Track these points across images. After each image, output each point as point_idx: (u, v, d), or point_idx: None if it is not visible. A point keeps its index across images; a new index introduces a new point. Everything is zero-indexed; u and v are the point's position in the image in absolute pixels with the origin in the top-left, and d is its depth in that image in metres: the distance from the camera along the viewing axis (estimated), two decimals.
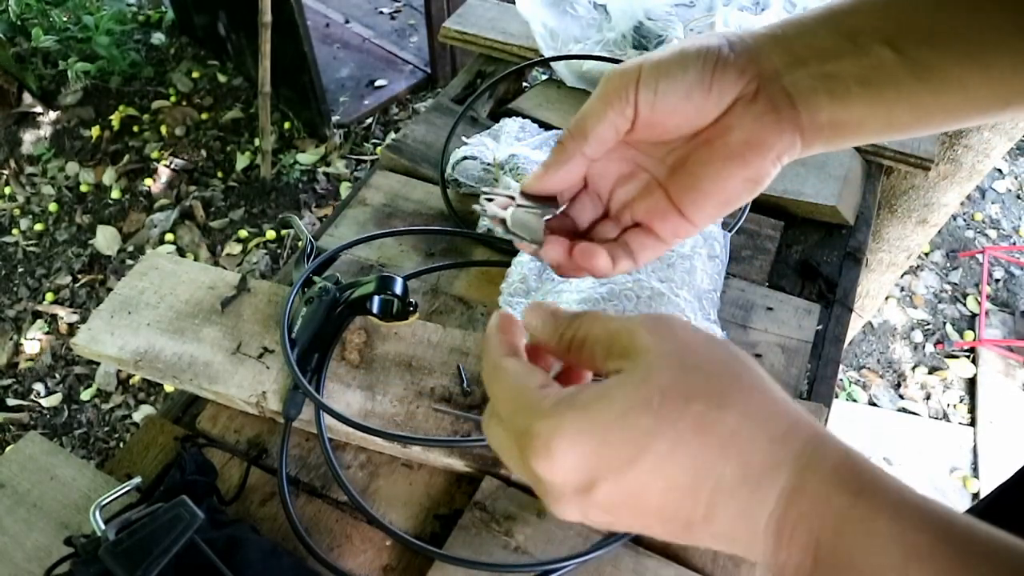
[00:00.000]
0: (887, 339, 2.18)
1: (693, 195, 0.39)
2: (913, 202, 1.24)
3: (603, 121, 0.37)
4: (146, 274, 0.72)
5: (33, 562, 0.56)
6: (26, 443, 0.62)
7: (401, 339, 0.67)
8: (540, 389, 0.31)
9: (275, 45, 2.27)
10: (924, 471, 1.86)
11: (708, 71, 0.36)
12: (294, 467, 0.63)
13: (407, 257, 0.79)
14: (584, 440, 0.28)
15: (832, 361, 0.72)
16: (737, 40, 0.36)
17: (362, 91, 2.82)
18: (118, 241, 2.43)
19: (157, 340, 0.66)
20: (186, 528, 0.50)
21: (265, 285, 0.71)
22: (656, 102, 0.36)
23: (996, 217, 2.53)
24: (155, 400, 2.04)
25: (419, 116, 0.98)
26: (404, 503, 0.61)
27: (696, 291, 0.69)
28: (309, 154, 2.63)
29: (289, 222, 0.74)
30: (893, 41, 0.33)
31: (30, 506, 0.59)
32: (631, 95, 0.36)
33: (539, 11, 0.96)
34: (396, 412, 0.62)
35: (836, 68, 0.34)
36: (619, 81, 0.36)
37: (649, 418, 0.28)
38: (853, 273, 0.81)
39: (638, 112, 0.37)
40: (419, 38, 3.04)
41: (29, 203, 2.56)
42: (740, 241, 0.80)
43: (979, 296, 2.26)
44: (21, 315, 2.26)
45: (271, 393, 0.63)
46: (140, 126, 2.77)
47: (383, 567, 0.58)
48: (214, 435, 0.66)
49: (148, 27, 3.17)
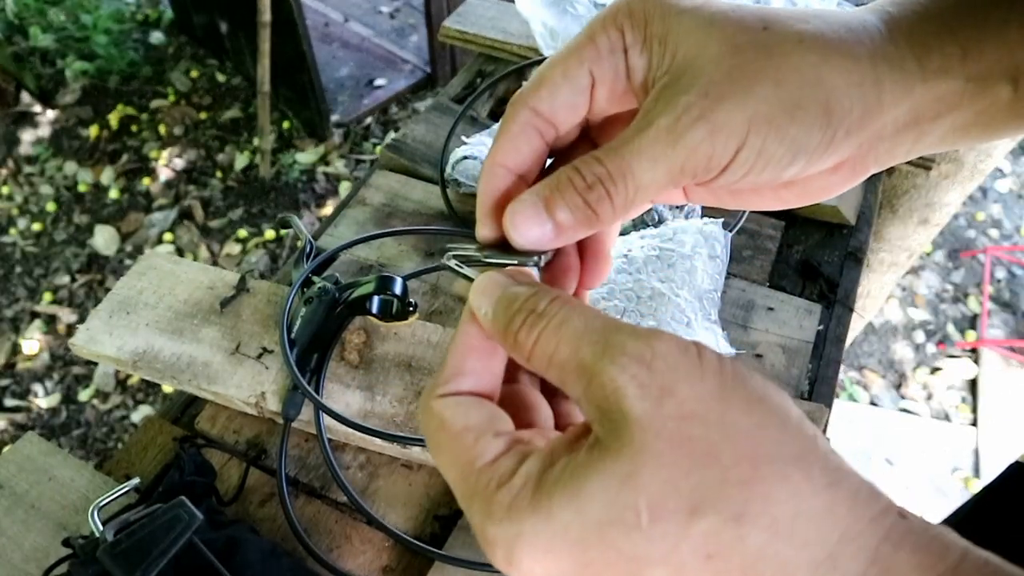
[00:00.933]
0: (888, 339, 2.18)
1: (707, 197, 0.32)
2: (915, 202, 1.24)
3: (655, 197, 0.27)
4: (144, 274, 0.71)
5: (31, 563, 0.55)
6: (24, 443, 0.62)
7: (401, 339, 0.67)
8: (490, 464, 0.23)
9: (274, 44, 2.27)
10: (925, 471, 1.86)
11: (814, 161, 0.27)
12: (293, 468, 0.63)
13: (407, 257, 0.79)
14: (552, 560, 0.21)
15: (833, 361, 0.72)
16: (873, 87, 0.26)
17: (361, 90, 2.82)
18: (116, 241, 2.43)
19: (156, 340, 0.66)
20: (185, 529, 0.49)
21: (264, 285, 0.71)
22: (735, 183, 0.27)
23: (998, 217, 2.53)
24: (154, 400, 2.04)
25: (419, 116, 0.97)
26: (404, 504, 0.61)
27: (696, 291, 0.68)
28: (308, 154, 2.63)
29: (288, 222, 0.74)
30: (1018, 75, 0.26)
31: (28, 507, 0.58)
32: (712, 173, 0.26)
33: (539, 10, 0.96)
34: (396, 412, 0.62)
35: (943, 124, 0.28)
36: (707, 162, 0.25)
37: (636, 539, 0.20)
38: (854, 273, 0.80)
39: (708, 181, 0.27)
40: (419, 37, 3.03)
41: (27, 203, 2.56)
42: (741, 241, 0.80)
43: (981, 296, 2.26)
44: (19, 315, 2.25)
45: (270, 393, 0.63)
46: (139, 125, 2.77)
47: (383, 568, 0.57)
48: (213, 436, 0.66)
49: (147, 26, 3.17)
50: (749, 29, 0.26)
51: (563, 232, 0.26)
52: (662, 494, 0.20)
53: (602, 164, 0.26)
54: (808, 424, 0.21)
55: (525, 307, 0.25)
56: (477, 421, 0.24)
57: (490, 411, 0.25)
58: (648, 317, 0.65)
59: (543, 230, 0.26)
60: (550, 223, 0.26)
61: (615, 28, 0.27)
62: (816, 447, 0.21)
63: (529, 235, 0.26)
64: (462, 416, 0.24)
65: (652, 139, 0.25)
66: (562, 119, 0.28)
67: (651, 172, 0.25)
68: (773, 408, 0.21)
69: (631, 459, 0.20)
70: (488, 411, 0.25)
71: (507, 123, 0.27)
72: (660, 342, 0.22)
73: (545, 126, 0.28)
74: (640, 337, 0.22)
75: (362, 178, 0.90)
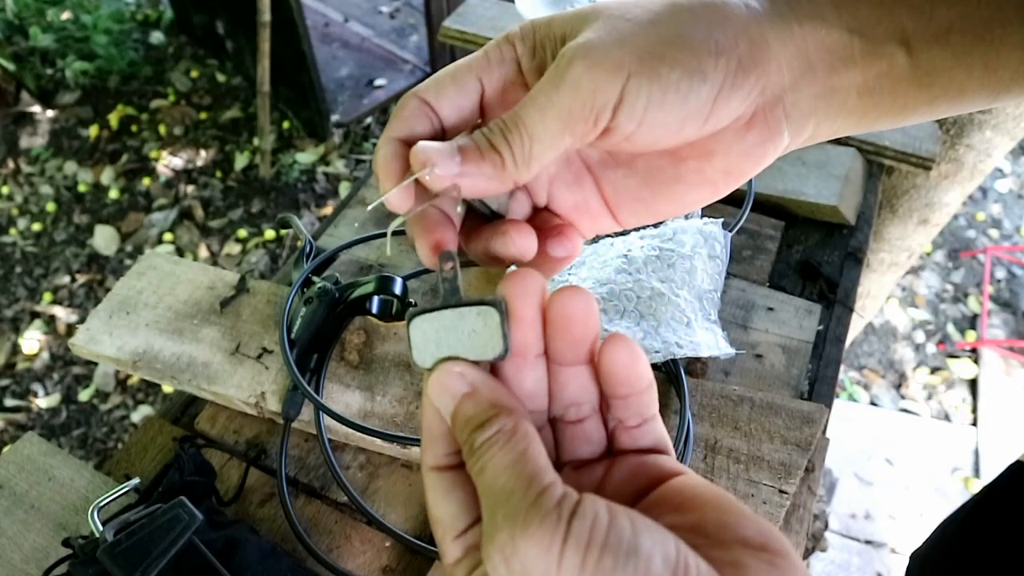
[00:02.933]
0: (888, 339, 2.18)
1: (638, 207, 0.32)
2: (914, 202, 1.24)
3: (556, 150, 0.27)
4: (144, 274, 0.71)
5: (31, 563, 0.55)
6: (24, 443, 0.62)
7: (401, 339, 0.67)
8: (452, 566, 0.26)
9: (274, 44, 2.27)
10: (925, 471, 1.86)
11: (714, 93, 0.27)
12: (293, 468, 0.63)
13: (407, 257, 0.79)
14: None
15: (833, 361, 0.72)
16: (755, 27, 0.28)
17: (361, 90, 2.82)
18: (116, 241, 2.43)
19: (156, 340, 0.66)
20: (185, 529, 0.49)
21: (264, 285, 0.71)
22: (634, 134, 0.27)
23: (998, 217, 2.53)
24: (153, 400, 2.04)
25: None
26: (404, 504, 0.61)
27: (696, 291, 0.68)
28: (308, 154, 2.63)
29: (288, 222, 0.74)
30: (910, 40, 0.28)
31: (28, 507, 0.58)
32: (604, 120, 0.27)
33: (539, 10, 0.96)
34: (396, 412, 0.62)
35: (843, 81, 0.29)
36: (591, 98, 0.26)
37: None
38: (854, 273, 0.80)
39: (605, 136, 0.28)
40: (419, 37, 3.03)
41: (27, 203, 2.56)
42: (741, 241, 0.80)
43: (981, 296, 2.26)
44: (19, 315, 2.25)
45: (270, 394, 0.63)
46: (138, 125, 2.77)
47: (383, 568, 0.57)
48: (213, 436, 0.66)
49: (146, 26, 3.17)
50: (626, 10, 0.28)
51: (468, 161, 0.27)
52: None
53: (501, 119, 0.28)
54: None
55: (467, 436, 0.26)
56: (444, 515, 0.27)
57: (459, 503, 0.27)
58: (648, 317, 0.65)
59: (452, 161, 0.27)
60: (457, 155, 0.27)
61: (507, 43, 0.30)
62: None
63: (439, 166, 0.27)
64: (434, 504, 0.27)
65: (538, 90, 0.27)
66: (446, 113, 0.30)
67: (541, 121, 0.27)
68: None
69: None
70: (457, 503, 0.27)
71: (400, 107, 0.30)
72: (524, 538, 0.22)
73: (432, 115, 0.30)
74: (515, 524, 0.22)
75: (362, 178, 0.90)
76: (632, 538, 0.21)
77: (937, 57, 0.28)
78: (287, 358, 0.62)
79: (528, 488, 0.23)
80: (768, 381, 0.68)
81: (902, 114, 0.31)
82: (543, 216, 0.33)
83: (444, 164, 0.27)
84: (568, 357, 0.28)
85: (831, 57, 0.29)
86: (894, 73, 0.29)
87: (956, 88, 0.29)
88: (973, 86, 0.29)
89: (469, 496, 0.26)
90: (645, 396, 0.28)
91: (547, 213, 0.33)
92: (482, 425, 0.25)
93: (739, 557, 0.23)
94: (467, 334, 0.27)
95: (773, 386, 0.68)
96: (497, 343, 0.27)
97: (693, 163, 0.31)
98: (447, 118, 0.30)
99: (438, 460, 0.27)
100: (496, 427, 0.25)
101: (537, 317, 0.28)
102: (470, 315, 0.27)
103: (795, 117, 0.30)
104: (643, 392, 0.28)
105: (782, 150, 0.31)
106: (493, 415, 0.25)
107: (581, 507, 0.22)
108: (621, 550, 0.21)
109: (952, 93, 0.30)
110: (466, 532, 0.26)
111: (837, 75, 0.29)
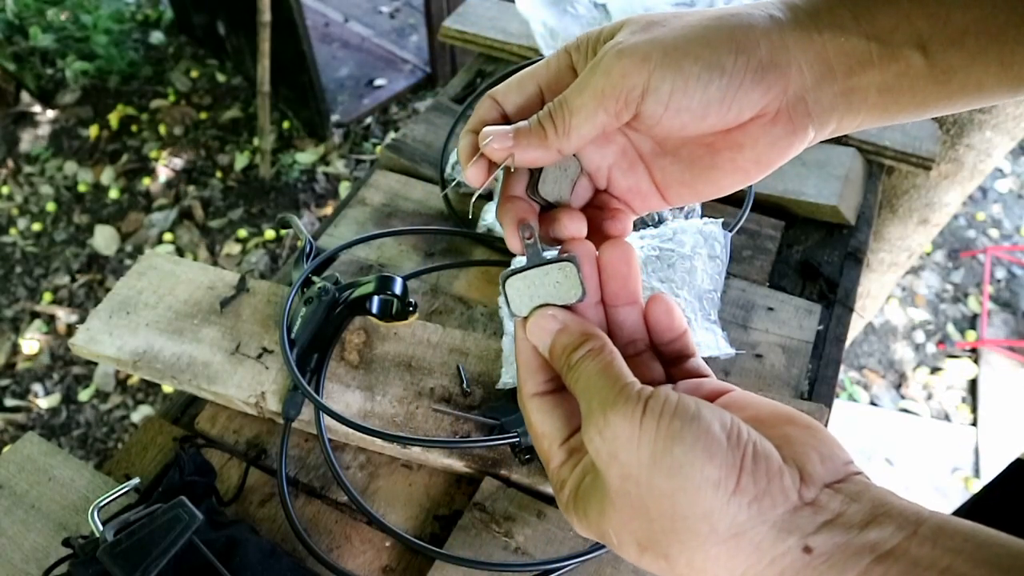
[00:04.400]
0: (888, 339, 2.18)
1: (683, 190, 0.37)
2: (914, 202, 1.24)
3: (592, 123, 0.33)
4: (144, 274, 0.71)
5: (31, 563, 0.55)
6: (24, 443, 0.62)
7: (401, 339, 0.67)
8: (556, 470, 0.33)
9: (274, 44, 2.27)
10: (925, 471, 1.86)
11: (735, 86, 0.31)
12: (293, 468, 0.63)
13: (407, 257, 0.79)
14: (595, 533, 0.32)
15: (833, 361, 0.72)
16: (776, 34, 0.32)
17: (361, 90, 2.82)
18: (117, 241, 2.43)
19: (156, 340, 0.66)
20: (185, 529, 0.49)
21: (264, 285, 0.71)
22: (663, 117, 0.32)
23: (998, 217, 2.53)
24: (154, 400, 2.04)
25: (419, 116, 0.97)
26: (404, 504, 0.61)
27: (696, 291, 0.68)
28: (308, 154, 2.63)
29: (288, 222, 0.74)
30: (926, 44, 0.31)
31: (28, 507, 0.58)
32: (633, 102, 0.32)
33: (539, 10, 0.96)
34: (396, 413, 0.62)
35: (861, 81, 0.32)
36: (621, 81, 0.31)
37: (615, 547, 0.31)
38: (854, 273, 0.80)
39: (638, 118, 0.33)
40: (419, 37, 3.04)
41: (27, 203, 2.56)
42: (741, 241, 0.80)
43: (981, 296, 2.26)
44: (19, 315, 2.25)
45: (270, 393, 0.63)
46: (138, 125, 2.77)
47: (383, 568, 0.57)
48: (213, 435, 0.66)
49: (146, 26, 3.17)
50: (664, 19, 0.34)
51: (520, 139, 0.34)
52: (620, 530, 0.30)
53: (549, 103, 0.34)
54: (724, 487, 0.27)
55: (565, 359, 0.33)
56: (550, 429, 0.34)
57: (560, 419, 0.34)
58: None
59: (505, 136, 0.34)
60: (510, 132, 0.34)
61: (564, 52, 0.36)
62: (725, 507, 0.27)
63: (496, 141, 0.34)
64: (539, 423, 0.35)
65: (580, 76, 0.33)
66: (510, 109, 0.37)
67: (579, 97, 0.33)
68: (691, 474, 0.27)
69: (601, 500, 0.30)
70: (559, 419, 0.34)
71: (477, 106, 0.37)
72: (614, 413, 0.29)
73: (500, 110, 0.37)
74: (606, 406, 0.29)
75: (362, 178, 0.90)
76: (696, 409, 0.28)
77: (953, 58, 0.31)
78: (287, 358, 0.62)
79: (615, 383, 0.30)
80: (768, 381, 0.68)
81: (922, 108, 0.33)
82: (602, 198, 0.39)
83: (499, 139, 0.34)
84: (620, 297, 0.36)
85: (849, 60, 0.32)
86: (911, 73, 0.31)
87: (974, 84, 0.32)
88: (990, 82, 0.31)
89: (567, 412, 0.34)
90: (684, 338, 0.36)
91: (606, 195, 0.39)
92: (576, 348, 0.33)
93: (786, 432, 0.30)
94: (552, 285, 0.35)
95: (773, 386, 0.68)
96: (577, 289, 0.34)
97: (727, 153, 0.35)
98: (511, 112, 0.36)
99: (538, 387, 0.35)
100: (587, 347, 0.32)
101: (594, 272, 0.36)
102: (552, 270, 0.34)
103: (818, 113, 0.33)
104: (683, 335, 0.36)
105: (808, 142, 0.35)
106: (583, 340, 0.33)
107: (656, 392, 0.29)
108: (687, 416, 0.28)
109: (970, 89, 0.32)
110: (568, 439, 0.34)
111: (856, 76, 0.32)
